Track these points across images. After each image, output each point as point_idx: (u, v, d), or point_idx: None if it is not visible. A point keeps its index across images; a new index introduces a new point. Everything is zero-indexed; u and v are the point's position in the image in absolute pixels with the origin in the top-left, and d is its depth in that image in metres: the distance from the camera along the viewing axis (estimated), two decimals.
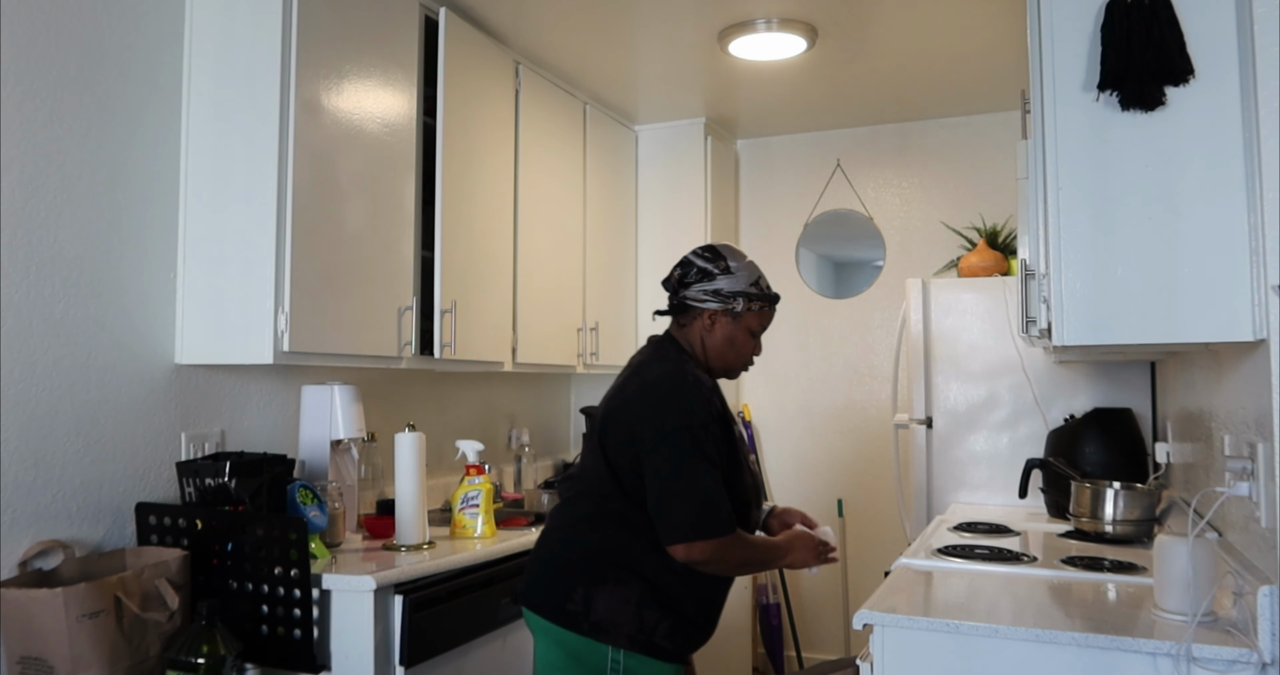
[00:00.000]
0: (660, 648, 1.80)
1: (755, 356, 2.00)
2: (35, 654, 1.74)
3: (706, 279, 1.92)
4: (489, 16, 2.99)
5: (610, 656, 1.78)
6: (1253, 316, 1.54)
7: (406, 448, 2.34)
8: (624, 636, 1.77)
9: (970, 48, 3.26)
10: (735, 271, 1.92)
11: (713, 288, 1.91)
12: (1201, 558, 1.58)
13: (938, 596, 1.81)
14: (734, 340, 1.94)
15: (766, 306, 1.95)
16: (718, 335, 1.93)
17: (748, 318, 1.93)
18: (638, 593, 1.79)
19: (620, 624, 1.78)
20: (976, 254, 3.45)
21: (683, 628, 1.83)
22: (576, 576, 1.82)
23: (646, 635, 1.78)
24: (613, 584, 1.79)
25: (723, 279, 1.91)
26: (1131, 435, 2.97)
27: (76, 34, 2.06)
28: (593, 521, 1.84)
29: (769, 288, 1.96)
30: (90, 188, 2.08)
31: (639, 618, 1.78)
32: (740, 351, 1.96)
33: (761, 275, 1.96)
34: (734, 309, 1.91)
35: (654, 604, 1.79)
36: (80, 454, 2.04)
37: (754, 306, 1.92)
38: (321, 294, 2.29)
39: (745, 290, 1.91)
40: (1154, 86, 1.59)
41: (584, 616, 1.79)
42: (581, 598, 1.80)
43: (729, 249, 1.96)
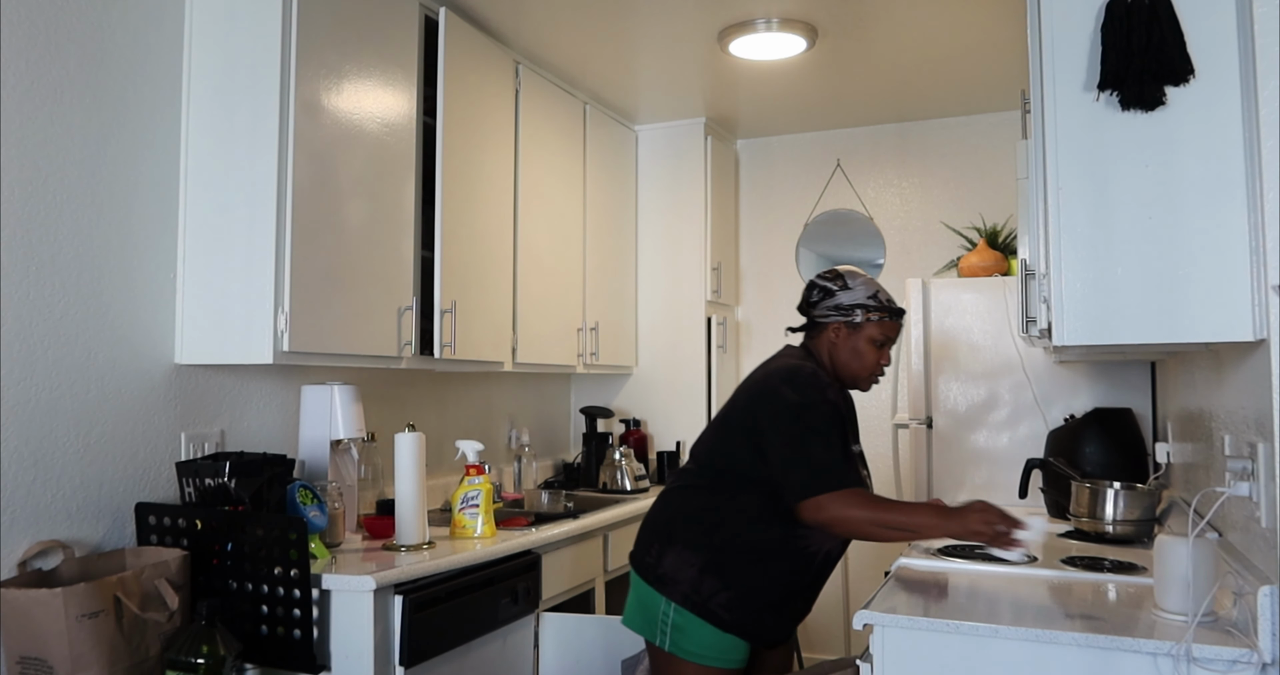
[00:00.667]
0: (714, 614, 1.95)
1: (884, 367, 2.12)
2: (35, 654, 1.74)
3: (828, 296, 2.11)
4: (489, 16, 2.99)
5: (663, 607, 1.99)
6: (1253, 316, 1.53)
7: (406, 448, 2.34)
8: (679, 593, 1.97)
9: (970, 48, 3.26)
10: (853, 287, 2.11)
11: (833, 303, 2.10)
12: (1201, 558, 1.58)
13: (938, 596, 1.81)
14: (857, 350, 2.09)
15: (886, 317, 2.09)
16: (841, 346, 2.10)
17: (868, 328, 2.08)
18: (703, 559, 1.97)
19: (679, 582, 1.97)
20: (976, 254, 3.45)
21: (746, 604, 1.96)
22: (656, 534, 2.05)
23: (702, 598, 1.96)
24: (681, 546, 1.99)
25: (842, 294, 2.10)
26: (1131, 435, 2.97)
27: (76, 34, 2.06)
28: (685, 491, 2.06)
29: (890, 301, 2.12)
30: (90, 188, 2.08)
31: (698, 581, 1.96)
32: (864, 361, 2.09)
33: (881, 289, 2.12)
34: (853, 319, 2.08)
35: (715, 573, 1.96)
36: (80, 454, 2.04)
37: (873, 317, 2.08)
38: (321, 294, 2.29)
39: (863, 302, 2.08)
40: (1154, 86, 1.59)
41: (653, 568, 2.02)
42: (656, 552, 2.03)
43: (848, 269, 2.16)
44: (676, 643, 1.98)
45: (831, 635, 4.07)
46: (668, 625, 1.99)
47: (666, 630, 1.99)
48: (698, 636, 1.96)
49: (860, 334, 2.08)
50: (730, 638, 1.96)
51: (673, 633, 1.98)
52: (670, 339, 4.01)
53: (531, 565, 2.55)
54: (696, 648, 1.97)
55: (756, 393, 2.02)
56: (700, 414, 3.95)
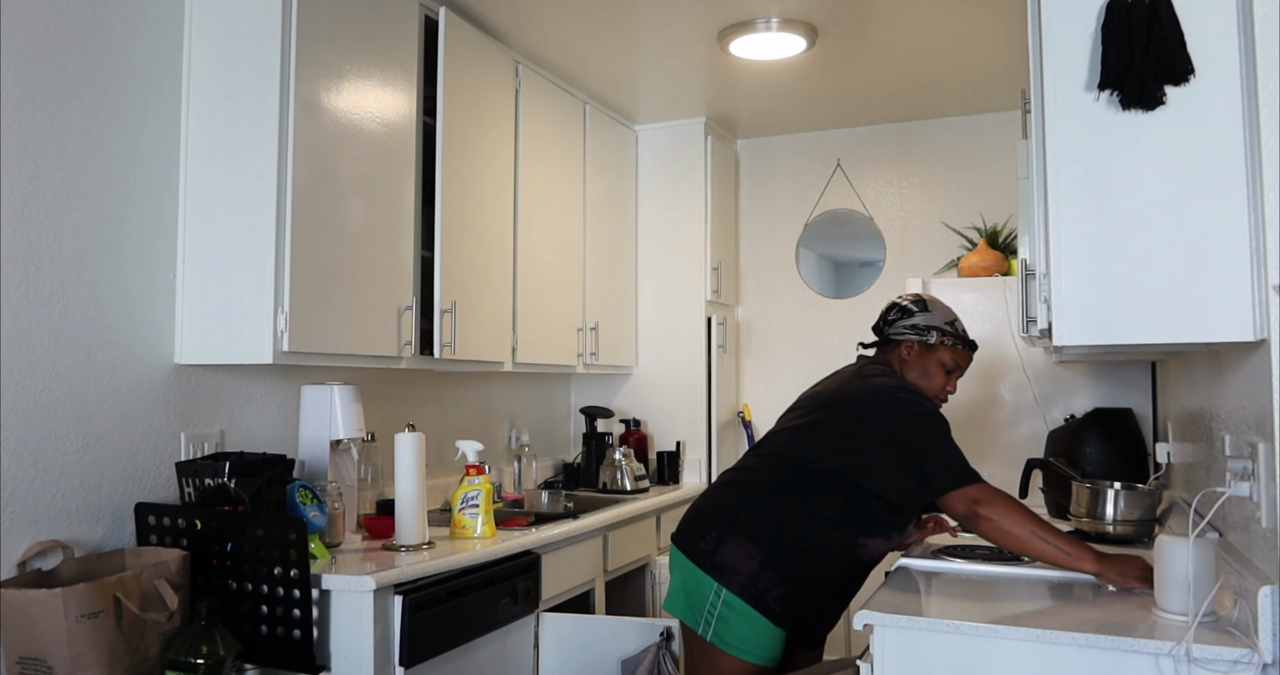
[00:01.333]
0: (768, 607, 2.00)
1: (949, 393, 2.19)
2: (34, 654, 1.74)
3: (906, 316, 2.20)
4: (489, 16, 2.99)
5: (713, 592, 2.02)
6: (1253, 316, 1.53)
7: (406, 448, 2.34)
8: (737, 583, 2.01)
9: (970, 48, 3.26)
10: (932, 310, 2.20)
11: (910, 323, 2.19)
12: (1202, 558, 1.58)
13: (938, 597, 1.81)
14: (927, 370, 2.16)
15: (959, 345, 2.17)
16: (912, 364, 2.17)
17: (940, 351, 2.16)
18: (764, 553, 2.01)
19: (738, 572, 2.01)
20: (977, 254, 3.45)
21: (798, 601, 2.01)
22: (715, 521, 2.08)
23: (759, 590, 2.00)
24: (745, 538, 2.03)
25: (920, 316, 2.19)
26: (1132, 435, 2.97)
27: (76, 34, 2.06)
28: (755, 486, 2.09)
29: (965, 332, 2.20)
30: (90, 188, 2.08)
31: (757, 574, 2.00)
32: (932, 382, 2.16)
33: (958, 319, 2.21)
34: (927, 340, 2.16)
35: (777, 568, 2.00)
36: (80, 454, 2.04)
37: (946, 341, 2.16)
38: (321, 294, 2.29)
39: (939, 326, 2.17)
40: (1154, 86, 1.59)
41: (710, 555, 2.04)
42: (714, 539, 2.05)
43: (932, 298, 2.24)
44: (719, 634, 2.01)
45: (832, 635, 4.07)
46: (714, 615, 2.02)
47: (712, 620, 2.02)
48: (742, 629, 2.00)
49: (932, 356, 2.15)
50: (775, 632, 2.01)
51: (718, 623, 2.01)
52: (670, 339, 4.01)
53: (531, 565, 2.55)
54: (737, 641, 2.00)
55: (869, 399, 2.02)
56: (700, 414, 3.95)
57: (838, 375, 2.21)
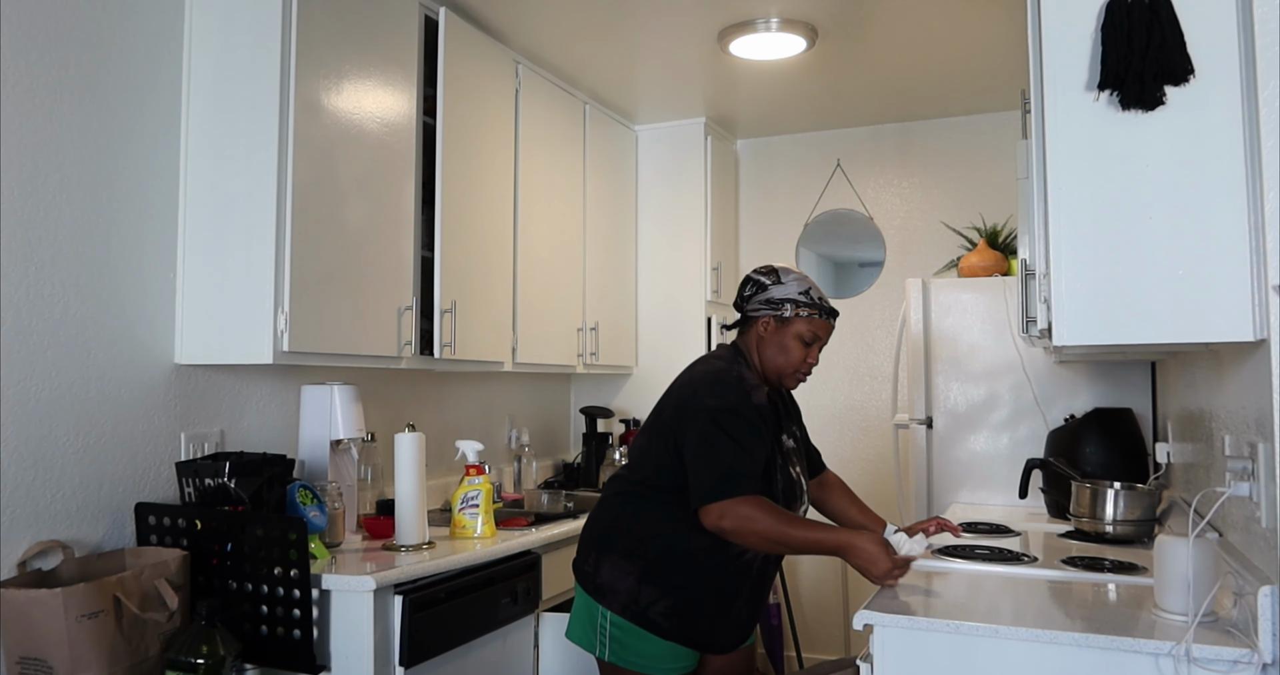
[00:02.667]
0: (653, 622, 1.94)
1: (810, 365, 2.08)
2: (34, 654, 1.74)
3: (760, 290, 2.09)
4: (489, 16, 2.99)
5: (600, 617, 1.98)
6: (1253, 316, 1.53)
7: (406, 448, 2.34)
8: (618, 603, 1.96)
9: (970, 48, 3.26)
10: (785, 282, 2.08)
11: (764, 296, 2.08)
12: (1202, 558, 1.58)
13: (938, 597, 1.81)
14: (784, 345, 2.06)
15: (816, 315, 2.05)
16: (768, 340, 2.07)
17: (796, 323, 2.05)
18: (639, 568, 1.95)
19: (618, 592, 1.96)
20: (976, 254, 3.45)
21: (684, 611, 1.95)
22: (593, 542, 2.04)
23: (641, 607, 1.94)
24: (618, 556, 1.98)
25: (774, 288, 2.08)
26: (1132, 435, 2.97)
27: (76, 34, 2.06)
28: (619, 498, 2.04)
29: (822, 299, 2.08)
30: (90, 187, 2.08)
31: (636, 590, 1.95)
32: (790, 356, 2.06)
33: (814, 287, 2.09)
34: (782, 314, 2.05)
35: (653, 582, 1.95)
36: (80, 454, 2.04)
37: (801, 312, 2.04)
38: (321, 294, 2.29)
39: (793, 297, 2.06)
40: (1154, 86, 1.59)
41: (591, 577, 2.01)
42: (593, 561, 2.02)
43: (783, 266, 2.14)
44: (617, 653, 1.96)
45: (831, 635, 4.07)
46: (606, 636, 1.97)
47: (605, 641, 1.97)
48: (637, 646, 1.95)
49: (788, 329, 2.04)
50: (669, 644, 1.95)
51: (612, 643, 1.96)
52: (670, 339, 4.01)
53: (531, 565, 2.55)
54: (638, 658, 1.95)
55: (679, 398, 1.99)
56: None
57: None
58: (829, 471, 2.35)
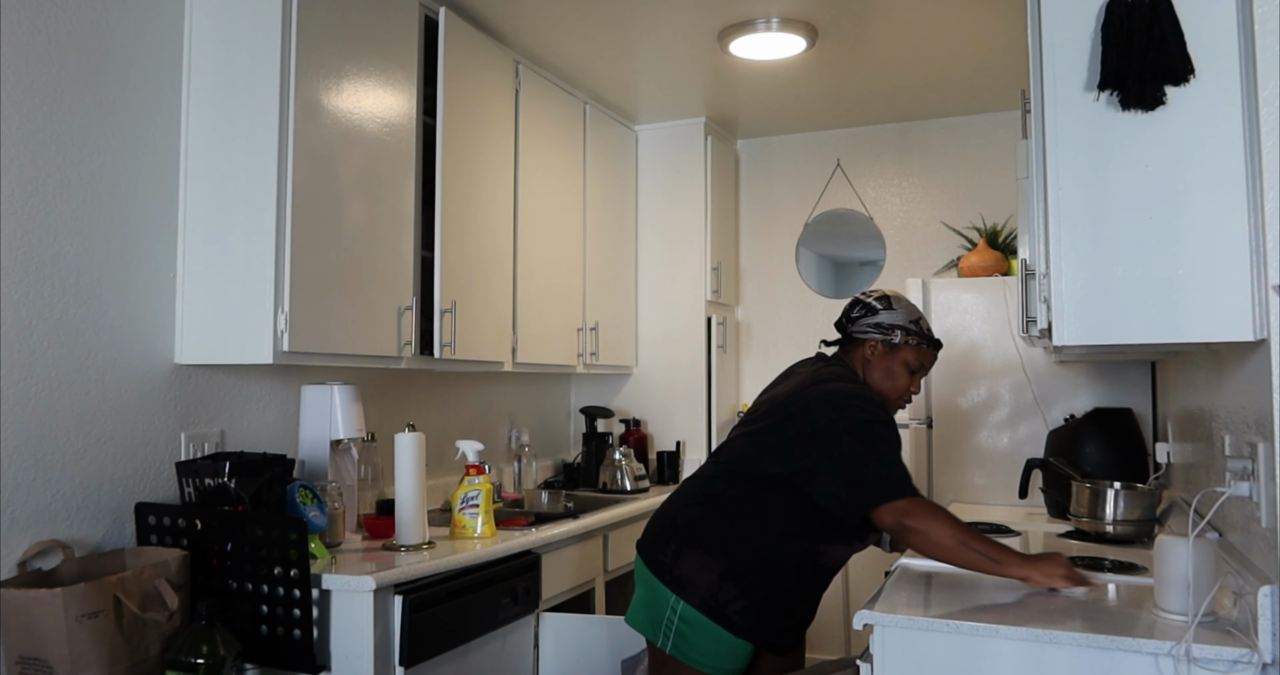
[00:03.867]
0: (729, 620, 1.95)
1: (912, 394, 2.12)
2: (35, 654, 1.74)
3: (870, 313, 2.12)
4: (489, 16, 2.99)
5: (671, 606, 1.97)
6: (1253, 316, 1.53)
7: (406, 448, 2.34)
8: (697, 597, 1.96)
9: (970, 48, 3.26)
10: (896, 308, 2.12)
11: (874, 321, 2.11)
12: (1202, 558, 1.58)
13: (938, 597, 1.81)
14: (891, 371, 2.09)
15: (924, 345, 2.10)
16: (875, 364, 2.10)
17: (904, 351, 2.09)
18: (723, 566, 1.96)
19: (698, 586, 1.96)
20: (976, 254, 3.45)
21: (760, 612, 1.96)
22: (674, 534, 2.03)
23: (720, 604, 1.95)
24: (703, 551, 1.98)
25: (884, 314, 2.11)
26: (1132, 435, 2.97)
27: (76, 34, 2.06)
28: (710, 497, 2.04)
29: (930, 331, 2.13)
30: (90, 188, 2.08)
31: (717, 587, 1.96)
32: (896, 383, 2.09)
33: (923, 318, 2.14)
34: (891, 340, 2.09)
35: (735, 581, 1.95)
36: (80, 454, 2.04)
37: (911, 341, 2.09)
38: (321, 294, 2.29)
39: (903, 324, 2.10)
40: (1154, 86, 1.59)
41: (669, 568, 2.00)
42: (673, 552, 2.01)
43: (896, 294, 2.17)
44: (679, 647, 1.97)
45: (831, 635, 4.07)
46: (672, 628, 1.98)
47: (670, 633, 1.98)
48: (702, 643, 1.96)
49: (896, 356, 2.09)
50: (738, 644, 1.96)
51: (676, 637, 1.97)
52: (670, 339, 4.01)
53: (531, 565, 2.55)
54: (698, 655, 1.96)
55: (821, 407, 1.95)
56: (700, 414, 3.95)
57: (793, 376, 2.13)
58: None
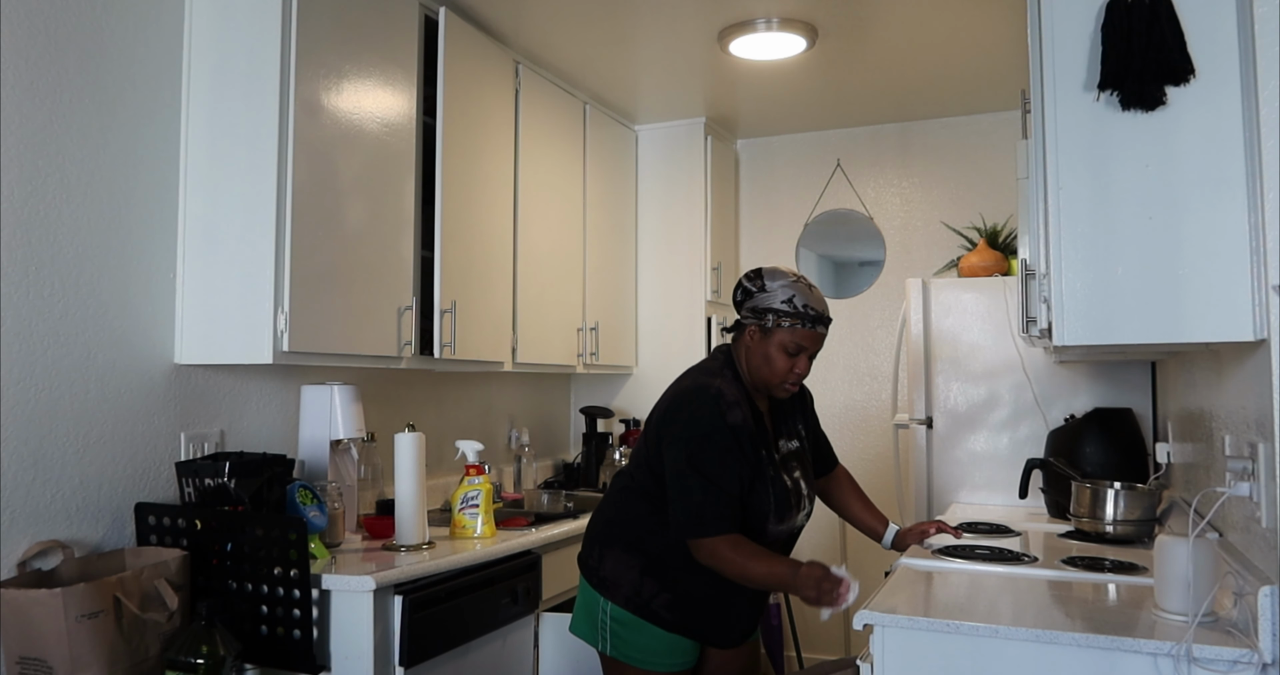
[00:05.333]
0: (656, 614, 1.96)
1: (798, 375, 1.99)
2: (34, 654, 1.74)
3: (748, 297, 2.03)
4: (489, 16, 2.99)
5: (602, 607, 2.00)
6: (1253, 316, 1.53)
7: (406, 448, 2.34)
8: (621, 596, 1.98)
9: (970, 48, 3.26)
10: (770, 290, 1.99)
11: (750, 305, 2.02)
12: (1202, 558, 1.58)
13: (938, 597, 1.81)
14: (767, 356, 1.98)
15: (799, 324, 1.96)
16: (754, 350, 2.01)
17: (778, 333, 1.97)
18: (641, 562, 1.98)
19: (620, 585, 1.98)
20: (977, 254, 3.45)
21: (685, 605, 1.97)
22: (596, 538, 2.07)
23: (644, 600, 1.96)
24: (620, 550, 2.01)
25: (759, 296, 2.00)
26: (1132, 435, 2.97)
27: (76, 35, 2.06)
28: (622, 494, 2.07)
29: (807, 307, 1.97)
30: (90, 188, 2.08)
31: (639, 583, 1.97)
32: (774, 367, 1.98)
33: (800, 294, 1.98)
34: (765, 324, 1.98)
35: (655, 575, 1.97)
36: (80, 454, 2.04)
37: (784, 323, 1.96)
38: (321, 294, 2.29)
39: (776, 306, 1.97)
40: (1154, 86, 1.59)
41: (595, 570, 2.03)
42: (598, 555, 2.04)
43: (773, 270, 2.04)
44: (618, 647, 1.98)
45: (831, 635, 4.07)
46: (608, 629, 1.99)
47: (607, 635, 1.99)
48: (637, 641, 1.97)
49: (771, 339, 1.97)
50: (673, 638, 1.97)
51: (613, 637, 1.98)
52: (670, 339, 4.01)
53: (531, 565, 2.55)
54: (637, 652, 1.97)
55: (661, 415, 1.98)
56: None
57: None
58: (840, 467, 2.35)
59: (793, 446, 2.09)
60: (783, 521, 1.99)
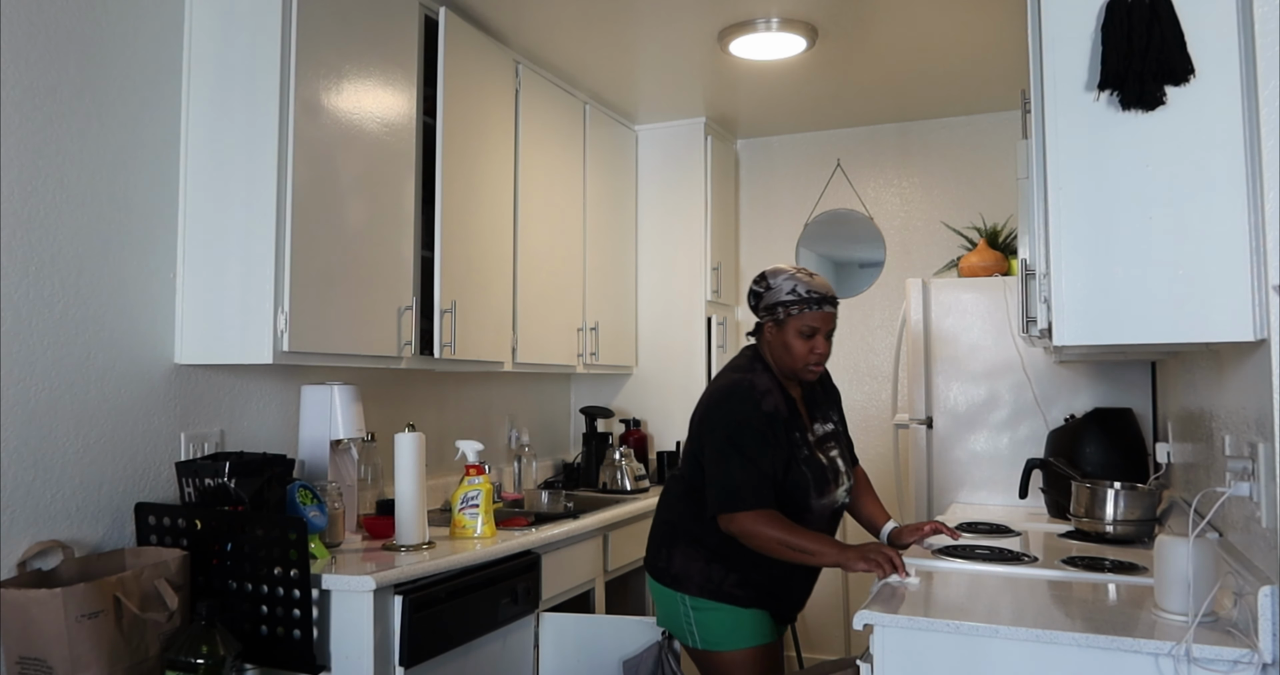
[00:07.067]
0: (730, 594, 2.12)
1: (819, 355, 2.18)
2: (34, 654, 1.74)
3: (758, 299, 2.23)
4: (489, 16, 2.99)
5: (680, 601, 2.15)
6: (1253, 316, 1.53)
7: (406, 448, 2.34)
8: (695, 585, 2.14)
9: (970, 48, 3.26)
10: (774, 286, 2.20)
11: (762, 304, 2.22)
12: (1202, 558, 1.58)
13: (938, 597, 1.81)
14: (786, 344, 2.17)
15: (806, 308, 2.15)
16: (774, 342, 2.20)
17: (791, 322, 2.16)
18: (704, 553, 2.15)
19: (692, 575, 2.15)
20: (977, 254, 3.45)
21: (753, 583, 2.13)
22: (662, 540, 2.24)
23: (716, 583, 2.13)
24: (684, 545, 2.18)
25: (766, 295, 2.21)
26: (1132, 435, 2.97)
27: (76, 34, 2.06)
28: (678, 497, 2.24)
29: (811, 292, 2.16)
30: (90, 188, 2.08)
31: (707, 570, 2.14)
32: (794, 353, 2.17)
33: (802, 282, 2.17)
34: (778, 317, 2.18)
35: (720, 560, 2.14)
36: (80, 454, 2.04)
37: (793, 310, 2.15)
38: (321, 294, 2.29)
39: (782, 299, 2.17)
40: (1154, 86, 1.59)
41: (666, 570, 2.19)
42: (665, 556, 2.21)
43: (774, 268, 2.24)
44: (705, 638, 2.13)
45: (831, 635, 4.07)
46: (691, 622, 2.14)
47: (692, 628, 2.14)
48: (720, 625, 2.11)
49: (787, 329, 2.16)
50: (751, 613, 2.12)
51: (699, 629, 2.13)
52: (670, 339, 4.01)
53: (531, 565, 2.55)
54: (722, 637, 2.11)
55: (703, 413, 2.17)
56: None
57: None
58: (859, 468, 2.46)
59: (828, 429, 2.28)
60: (823, 496, 2.16)
